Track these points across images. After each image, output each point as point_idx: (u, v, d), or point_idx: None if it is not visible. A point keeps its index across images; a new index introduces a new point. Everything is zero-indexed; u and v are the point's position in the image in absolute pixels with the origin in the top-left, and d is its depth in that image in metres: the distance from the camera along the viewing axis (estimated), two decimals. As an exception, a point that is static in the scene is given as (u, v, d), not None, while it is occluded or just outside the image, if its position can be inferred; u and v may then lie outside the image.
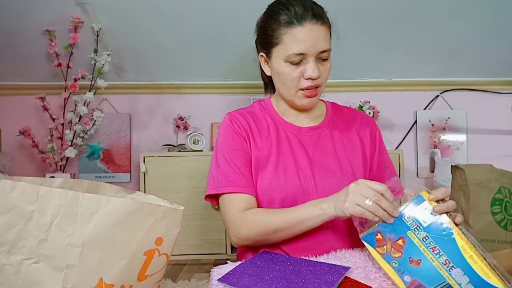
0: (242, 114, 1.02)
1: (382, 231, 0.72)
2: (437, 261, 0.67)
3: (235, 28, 2.19)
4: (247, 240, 0.92)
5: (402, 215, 0.71)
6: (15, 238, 0.56)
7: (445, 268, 0.67)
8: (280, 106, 1.04)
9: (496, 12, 2.15)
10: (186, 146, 2.51)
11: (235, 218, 0.91)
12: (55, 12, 2.14)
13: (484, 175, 0.91)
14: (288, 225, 0.86)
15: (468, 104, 2.68)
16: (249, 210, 0.91)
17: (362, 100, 2.59)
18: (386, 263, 0.71)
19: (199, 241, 2.32)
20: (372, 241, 0.72)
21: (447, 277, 0.66)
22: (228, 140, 0.98)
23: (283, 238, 0.89)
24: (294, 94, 0.95)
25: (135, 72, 2.57)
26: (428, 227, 0.69)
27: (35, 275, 0.56)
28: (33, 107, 2.53)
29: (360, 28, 2.26)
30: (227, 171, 0.94)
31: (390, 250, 0.70)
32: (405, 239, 0.70)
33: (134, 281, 0.60)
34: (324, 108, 1.07)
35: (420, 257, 0.68)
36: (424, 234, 0.69)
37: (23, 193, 0.57)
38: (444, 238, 0.68)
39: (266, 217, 0.89)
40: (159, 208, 0.61)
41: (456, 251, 0.66)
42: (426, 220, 0.69)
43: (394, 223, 0.71)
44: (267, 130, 1.00)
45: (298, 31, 0.89)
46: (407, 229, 0.70)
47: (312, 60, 0.90)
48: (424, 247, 0.68)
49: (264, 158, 0.96)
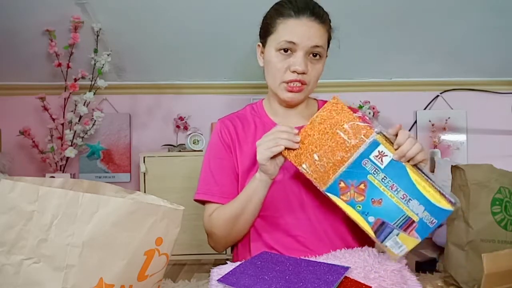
0: (232, 119, 1.04)
1: (344, 179, 0.76)
2: (396, 197, 0.73)
3: (235, 28, 2.19)
4: (219, 240, 0.98)
5: (360, 161, 0.75)
6: (15, 238, 0.56)
7: (403, 202, 0.73)
8: (272, 106, 1.03)
9: (496, 12, 2.15)
10: (186, 146, 2.51)
11: (206, 225, 0.98)
12: (55, 12, 2.14)
13: (484, 175, 0.90)
14: (241, 206, 0.91)
15: (468, 104, 2.68)
16: (213, 212, 0.97)
17: (362, 100, 2.59)
18: (351, 208, 0.75)
19: (199, 241, 2.31)
20: (335, 190, 0.76)
21: (406, 210, 0.73)
22: (213, 149, 1.02)
23: (248, 221, 0.93)
24: (278, 85, 0.95)
25: (135, 72, 2.57)
26: (385, 168, 0.74)
27: (35, 275, 0.56)
28: (33, 107, 2.53)
29: (360, 28, 2.26)
30: (207, 177, 1.00)
31: (353, 195, 0.75)
32: (367, 183, 0.75)
33: (134, 281, 0.60)
34: (316, 107, 1.06)
35: (381, 197, 0.74)
36: (382, 175, 0.74)
37: (23, 193, 0.57)
38: (400, 175, 0.73)
39: (223, 210, 0.95)
40: (159, 208, 0.61)
41: (411, 185, 0.73)
42: (383, 161, 0.74)
43: (353, 170, 0.75)
44: (254, 134, 1.00)
45: (293, 22, 0.91)
46: (367, 173, 0.75)
47: (301, 54, 0.90)
48: (383, 186, 0.74)
49: (250, 164, 0.97)
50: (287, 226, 0.93)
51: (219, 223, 0.95)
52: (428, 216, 0.72)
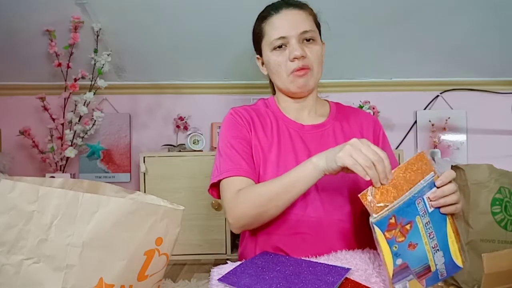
0: (246, 109, 1.04)
1: (396, 215, 0.69)
2: (429, 245, 0.69)
3: (235, 28, 2.19)
4: (243, 218, 0.89)
5: (415, 199, 0.69)
6: (15, 238, 0.56)
7: (432, 251, 0.69)
8: (282, 103, 1.05)
9: (496, 12, 2.15)
10: (186, 146, 2.51)
11: (231, 199, 0.90)
12: (55, 12, 2.14)
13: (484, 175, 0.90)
14: (280, 190, 0.84)
15: (468, 104, 2.68)
16: (243, 188, 0.90)
17: (362, 100, 2.59)
18: (388, 247, 0.69)
19: (199, 241, 2.32)
20: (383, 225, 0.69)
21: (430, 259, 0.69)
22: (231, 130, 0.99)
23: (280, 208, 0.86)
24: (286, 79, 0.97)
25: (135, 72, 2.57)
26: (431, 213, 0.70)
27: (35, 275, 0.56)
28: (33, 107, 2.53)
29: (360, 28, 2.26)
30: (229, 156, 0.95)
31: (396, 234, 0.69)
32: (412, 224, 0.69)
33: (134, 281, 0.60)
34: (328, 108, 1.08)
35: (418, 242, 0.69)
36: (427, 219, 0.69)
37: (23, 193, 0.57)
38: (439, 223, 0.70)
39: (259, 188, 0.88)
40: (159, 208, 0.61)
41: (444, 236, 0.70)
42: (432, 205, 0.70)
43: (407, 208, 0.69)
44: (270, 126, 1.01)
45: (275, 18, 0.97)
46: (417, 214, 0.69)
47: (294, 42, 0.94)
48: (424, 232, 0.69)
49: (265, 154, 0.96)
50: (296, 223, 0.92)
51: (249, 199, 0.87)
52: (443, 269, 0.69)
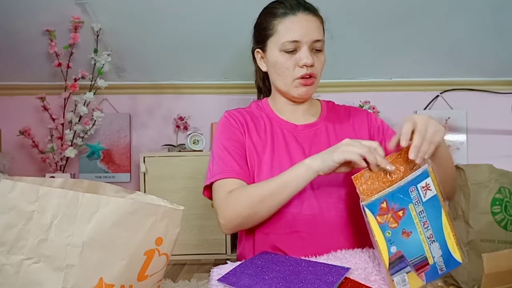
0: (240, 112, 1.04)
1: (388, 199, 0.71)
2: (423, 235, 0.70)
3: (234, 28, 2.19)
4: (235, 219, 0.88)
5: (409, 187, 0.71)
6: (15, 238, 0.56)
7: (428, 242, 0.70)
8: (277, 104, 1.05)
9: (495, 12, 2.15)
10: (186, 146, 2.51)
11: (222, 200, 0.90)
12: (55, 12, 2.15)
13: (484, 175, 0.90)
14: (273, 191, 0.84)
15: (468, 104, 2.68)
16: (235, 189, 0.89)
17: (362, 100, 2.59)
18: (380, 232, 0.71)
19: (199, 241, 2.32)
20: (375, 208, 0.71)
21: (427, 250, 0.70)
22: (224, 132, 0.99)
23: (272, 209, 0.86)
24: (290, 83, 0.96)
25: (135, 72, 2.57)
26: (426, 202, 0.71)
27: (35, 275, 0.56)
28: (33, 107, 2.53)
29: (360, 28, 2.26)
30: (222, 158, 0.95)
31: (389, 220, 0.71)
32: (405, 211, 0.71)
33: (134, 281, 0.60)
34: (319, 106, 1.08)
35: (412, 230, 0.70)
36: (421, 208, 0.71)
37: (23, 193, 0.57)
38: (435, 214, 0.71)
39: (251, 189, 0.88)
40: (159, 208, 0.61)
41: (440, 227, 0.71)
42: (426, 195, 0.71)
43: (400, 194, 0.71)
44: (264, 127, 1.01)
45: (291, 20, 0.94)
46: (410, 202, 0.71)
47: (306, 48, 0.93)
48: (418, 220, 0.71)
49: (260, 155, 0.97)
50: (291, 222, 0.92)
51: (241, 200, 0.87)
52: (441, 262, 0.70)
